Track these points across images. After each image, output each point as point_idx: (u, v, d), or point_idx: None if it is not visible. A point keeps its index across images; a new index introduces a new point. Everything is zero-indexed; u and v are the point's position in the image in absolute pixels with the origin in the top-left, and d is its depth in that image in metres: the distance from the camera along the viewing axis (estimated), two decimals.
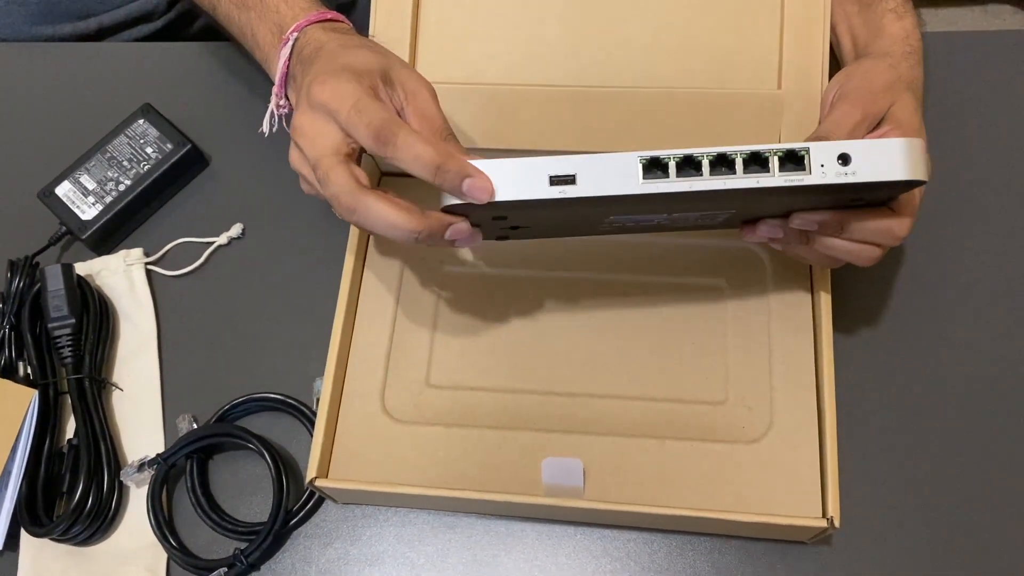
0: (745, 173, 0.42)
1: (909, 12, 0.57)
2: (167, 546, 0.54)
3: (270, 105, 0.54)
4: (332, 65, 0.47)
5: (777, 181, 0.42)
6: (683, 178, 0.42)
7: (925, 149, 0.42)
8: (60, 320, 0.59)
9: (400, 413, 0.55)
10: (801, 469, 0.51)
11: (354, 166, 0.45)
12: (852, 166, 0.41)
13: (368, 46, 0.49)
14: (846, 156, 0.41)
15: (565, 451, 0.52)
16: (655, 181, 0.42)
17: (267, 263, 0.63)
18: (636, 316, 0.56)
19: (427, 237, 0.44)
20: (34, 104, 0.71)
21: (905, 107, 0.49)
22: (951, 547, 0.53)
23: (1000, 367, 0.57)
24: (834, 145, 0.42)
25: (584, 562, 0.53)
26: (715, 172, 0.42)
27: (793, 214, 0.47)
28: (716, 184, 0.42)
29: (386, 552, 0.54)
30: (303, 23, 0.52)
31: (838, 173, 0.41)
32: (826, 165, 0.41)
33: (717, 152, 0.42)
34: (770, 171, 0.42)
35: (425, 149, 0.42)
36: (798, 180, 0.42)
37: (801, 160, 0.42)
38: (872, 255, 0.48)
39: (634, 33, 0.57)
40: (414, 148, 0.43)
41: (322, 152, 0.45)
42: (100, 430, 0.57)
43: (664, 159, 0.41)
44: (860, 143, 0.42)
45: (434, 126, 0.46)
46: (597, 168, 0.42)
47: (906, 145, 0.42)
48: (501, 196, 0.42)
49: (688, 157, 0.42)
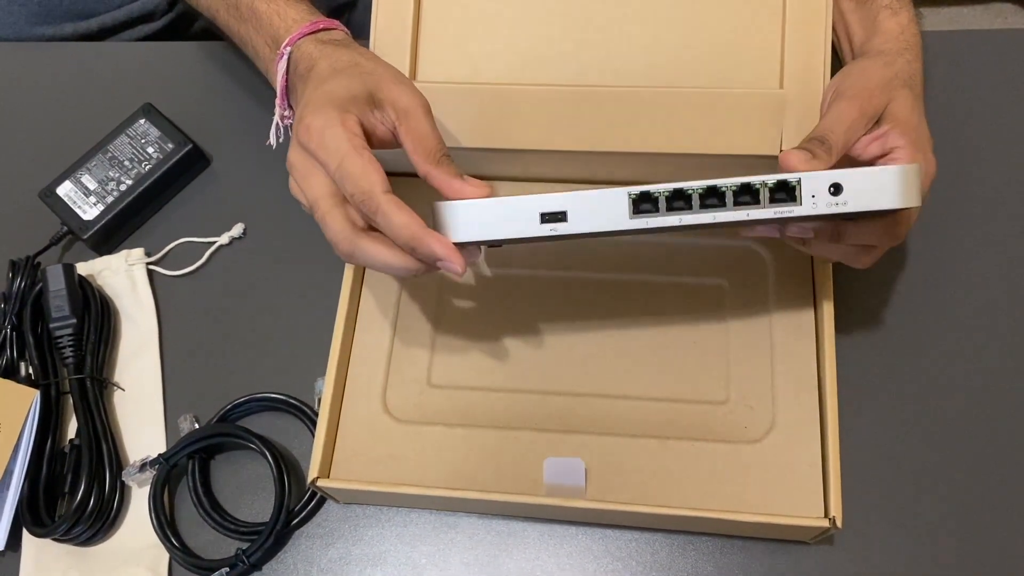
0: (735, 206, 0.42)
1: (905, 7, 0.57)
2: (169, 546, 0.54)
3: (275, 117, 0.55)
4: (317, 96, 0.47)
5: (767, 214, 0.42)
6: (673, 213, 0.42)
7: (920, 173, 0.42)
8: (62, 320, 0.59)
9: (402, 413, 0.55)
10: (803, 469, 0.51)
11: (349, 208, 0.45)
12: (843, 196, 0.41)
13: (357, 65, 0.49)
14: (838, 186, 0.41)
15: (567, 451, 0.52)
16: (644, 216, 0.42)
17: (269, 263, 0.63)
18: (638, 315, 0.56)
19: (425, 272, 0.45)
20: (35, 104, 0.71)
21: (903, 104, 0.49)
22: (953, 547, 0.52)
23: (1003, 366, 0.57)
24: (827, 175, 0.41)
25: (586, 562, 0.53)
26: (705, 205, 0.42)
27: (789, 223, 0.47)
28: (706, 218, 0.42)
29: (388, 552, 0.54)
30: (295, 36, 0.52)
31: (829, 203, 0.41)
32: (817, 196, 0.41)
33: (707, 185, 0.42)
34: (760, 203, 0.42)
35: (400, 231, 0.43)
36: (787, 212, 0.42)
37: (792, 191, 0.42)
38: (868, 258, 0.48)
39: (636, 32, 0.57)
40: (391, 228, 0.43)
41: (316, 195, 0.45)
42: (102, 430, 0.57)
43: (654, 194, 0.42)
44: (853, 172, 0.41)
45: (427, 147, 0.46)
46: (587, 204, 0.42)
47: (900, 173, 0.41)
48: (492, 236, 0.43)
49: (678, 191, 0.42)
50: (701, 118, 0.56)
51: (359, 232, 0.45)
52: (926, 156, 0.49)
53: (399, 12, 0.57)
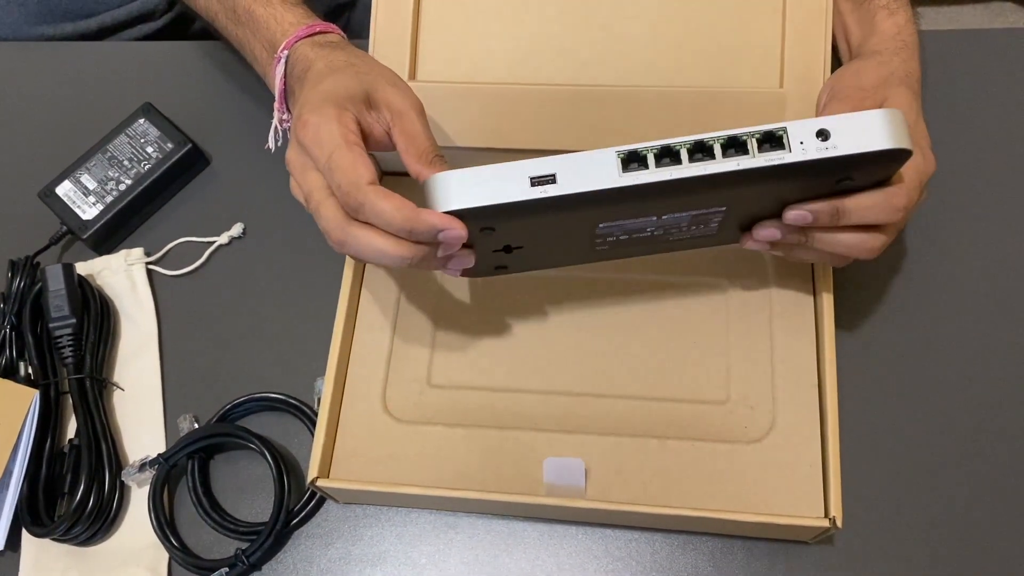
0: (724, 157, 0.42)
1: (902, 8, 0.56)
2: (168, 546, 0.54)
3: (273, 121, 0.55)
4: (315, 95, 0.47)
5: (758, 162, 0.41)
6: (663, 168, 0.42)
7: (905, 120, 0.42)
8: (61, 320, 0.59)
9: (401, 413, 0.54)
10: (803, 469, 0.51)
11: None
12: (832, 140, 0.41)
13: (353, 66, 0.49)
14: (824, 131, 0.41)
15: (566, 451, 0.52)
16: (634, 173, 0.42)
17: (268, 262, 0.63)
18: (638, 315, 0.56)
19: (420, 261, 0.45)
20: (35, 104, 0.71)
21: (899, 101, 0.49)
22: (953, 547, 0.52)
23: (1003, 366, 0.57)
24: (811, 122, 0.42)
25: (585, 561, 0.53)
26: (694, 160, 0.42)
27: (786, 209, 0.46)
28: (696, 170, 0.42)
29: (388, 552, 0.54)
30: (291, 40, 0.52)
31: (818, 148, 0.41)
32: (805, 142, 0.41)
33: (694, 140, 0.42)
34: (750, 153, 0.42)
35: (393, 215, 0.42)
36: (778, 159, 0.41)
37: (780, 140, 0.42)
38: (874, 244, 0.47)
39: (635, 31, 0.56)
40: (382, 215, 0.43)
41: (311, 187, 0.45)
42: (101, 430, 0.57)
43: (642, 151, 0.42)
44: (838, 117, 0.42)
45: (419, 147, 0.46)
46: (576, 166, 0.42)
47: (885, 115, 0.41)
48: (484, 201, 0.42)
49: (666, 148, 0.42)
50: (701, 117, 0.56)
51: (351, 220, 0.44)
52: (924, 154, 0.49)
53: (399, 12, 0.57)
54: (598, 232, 0.48)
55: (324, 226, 0.45)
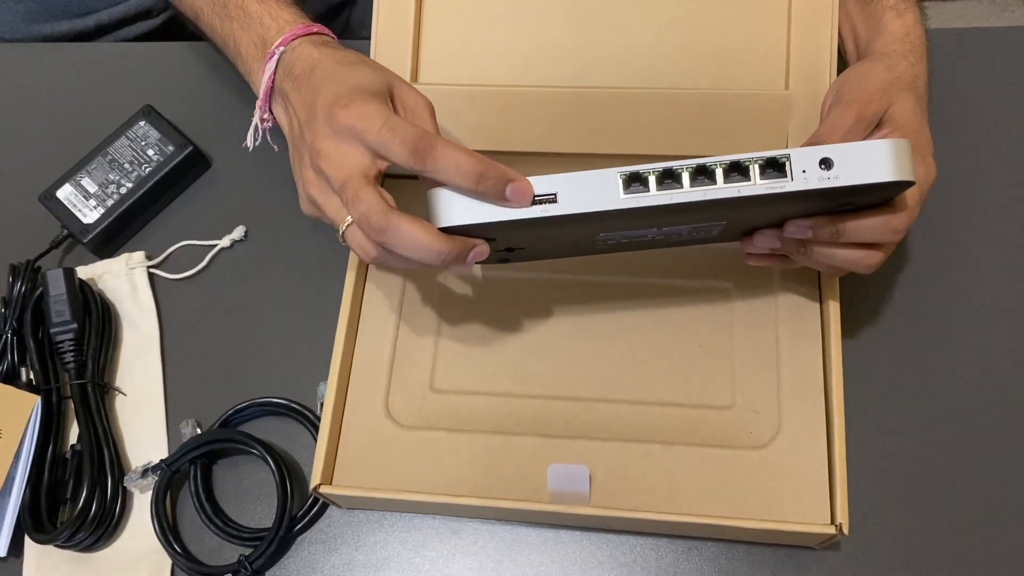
0: (726, 183, 0.41)
1: (910, 8, 0.56)
2: (171, 552, 0.54)
3: (254, 119, 0.54)
4: (345, 86, 0.46)
5: (758, 189, 0.41)
6: (664, 191, 0.42)
7: (911, 151, 0.42)
8: (62, 325, 0.58)
9: (404, 418, 0.54)
10: (809, 474, 0.51)
11: (381, 188, 0.45)
12: (834, 170, 0.41)
13: (366, 63, 0.49)
14: (828, 160, 0.41)
15: (570, 457, 0.52)
16: (636, 195, 0.42)
17: (270, 266, 0.63)
18: (642, 319, 0.56)
19: (452, 259, 0.44)
20: (35, 106, 0.70)
21: (904, 108, 0.48)
22: (960, 553, 0.52)
23: (1010, 372, 0.56)
24: (815, 150, 0.41)
25: (589, 568, 0.53)
26: (696, 183, 0.41)
27: (787, 223, 0.46)
28: (697, 195, 0.42)
29: (391, 558, 0.54)
30: (289, 37, 0.51)
31: (820, 178, 0.41)
32: (808, 170, 0.41)
33: (696, 164, 0.41)
34: (751, 179, 0.41)
35: (466, 159, 0.42)
36: (779, 187, 0.41)
37: (782, 167, 0.41)
38: (872, 261, 0.48)
39: (639, 33, 0.56)
40: (454, 157, 0.42)
41: (349, 174, 0.45)
42: (103, 436, 0.57)
43: (644, 173, 0.42)
44: (842, 147, 0.41)
45: None
46: (578, 185, 0.42)
47: (891, 146, 0.41)
48: (484, 218, 0.42)
49: (668, 170, 0.42)
50: (706, 120, 0.55)
51: (393, 208, 0.44)
52: (925, 161, 0.48)
53: (400, 14, 0.57)
54: (599, 238, 0.48)
55: (364, 211, 0.44)
